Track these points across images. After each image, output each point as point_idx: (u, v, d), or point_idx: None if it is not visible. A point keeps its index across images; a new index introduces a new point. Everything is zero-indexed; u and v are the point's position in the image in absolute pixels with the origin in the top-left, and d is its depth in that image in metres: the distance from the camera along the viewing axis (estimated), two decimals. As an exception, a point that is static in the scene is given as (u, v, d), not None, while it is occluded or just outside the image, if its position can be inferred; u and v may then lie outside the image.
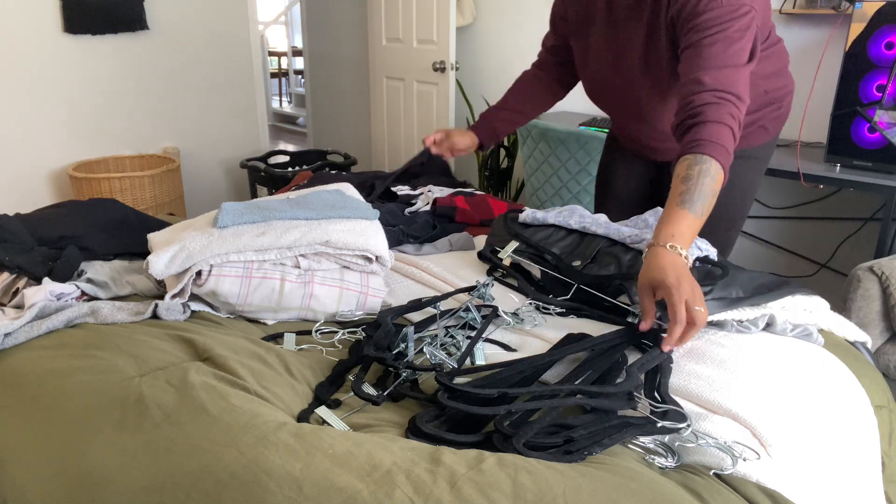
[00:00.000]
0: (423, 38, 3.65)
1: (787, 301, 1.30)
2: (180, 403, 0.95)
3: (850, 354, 1.28)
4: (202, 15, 3.55)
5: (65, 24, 3.11)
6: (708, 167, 1.20)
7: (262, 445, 0.85)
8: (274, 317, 1.33)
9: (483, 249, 1.55)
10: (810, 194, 2.75)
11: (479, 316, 1.28)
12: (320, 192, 1.52)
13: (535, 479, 0.80)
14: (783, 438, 0.97)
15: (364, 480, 0.79)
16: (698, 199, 1.19)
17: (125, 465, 0.86)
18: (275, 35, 7.97)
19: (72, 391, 0.99)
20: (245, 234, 1.30)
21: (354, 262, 1.37)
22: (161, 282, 1.38)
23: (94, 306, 1.24)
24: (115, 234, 1.54)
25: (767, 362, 1.13)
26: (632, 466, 0.88)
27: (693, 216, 1.18)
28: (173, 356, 1.10)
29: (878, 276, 1.84)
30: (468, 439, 0.94)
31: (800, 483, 0.93)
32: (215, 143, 3.79)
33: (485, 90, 3.89)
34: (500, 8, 3.69)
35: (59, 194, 3.30)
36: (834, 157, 2.25)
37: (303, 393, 1.07)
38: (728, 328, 1.25)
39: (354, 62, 4.58)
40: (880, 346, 1.88)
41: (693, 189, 1.19)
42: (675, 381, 1.08)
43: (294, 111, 7.35)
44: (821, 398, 1.09)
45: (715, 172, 1.21)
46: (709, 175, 1.20)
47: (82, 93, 3.25)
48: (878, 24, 2.07)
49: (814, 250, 2.83)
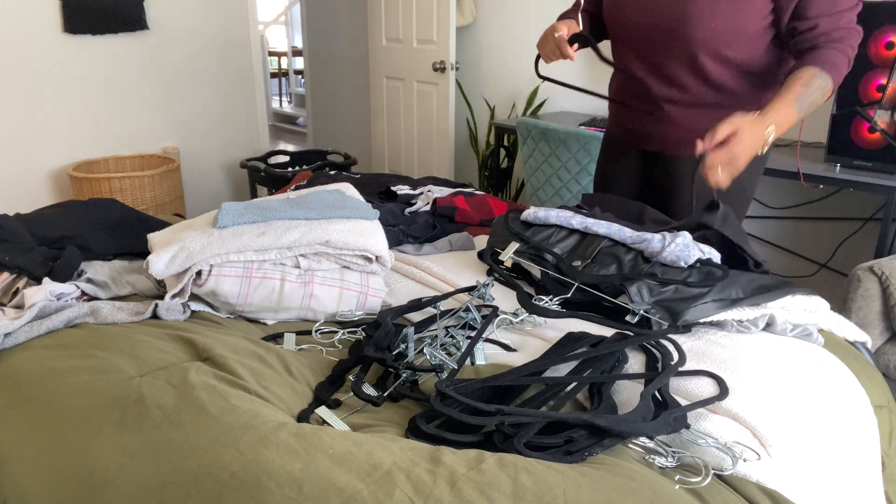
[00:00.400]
0: (423, 38, 3.65)
1: (786, 301, 1.30)
2: (180, 403, 0.95)
3: (850, 354, 1.28)
4: (202, 15, 3.54)
5: (65, 24, 3.11)
6: (825, 84, 1.38)
7: (262, 445, 0.85)
8: (274, 317, 1.33)
9: (484, 251, 1.54)
10: (810, 194, 2.75)
11: (479, 316, 1.28)
12: (320, 192, 1.52)
13: (535, 479, 0.80)
14: (783, 438, 0.97)
15: (364, 480, 0.79)
16: (807, 104, 1.37)
17: (125, 464, 0.86)
18: (275, 35, 7.97)
19: (72, 391, 0.99)
20: (245, 234, 1.30)
21: (354, 262, 1.37)
22: (161, 282, 1.38)
23: (94, 306, 1.24)
24: (115, 234, 1.54)
25: (768, 362, 1.13)
26: (632, 466, 0.88)
27: (796, 115, 1.36)
28: (173, 356, 1.10)
29: (878, 276, 1.84)
30: (468, 439, 0.94)
31: (800, 483, 0.93)
32: (215, 143, 3.79)
33: (485, 90, 3.89)
34: (500, 8, 3.69)
35: (59, 194, 3.30)
36: (834, 157, 2.25)
37: (303, 393, 1.07)
38: (728, 328, 1.25)
39: (354, 62, 4.58)
40: (880, 346, 1.88)
41: (808, 95, 1.36)
42: (676, 381, 1.08)
43: (294, 111, 7.35)
44: (821, 398, 1.09)
45: (827, 91, 1.40)
46: (822, 91, 1.38)
47: (82, 93, 3.25)
48: (878, 24, 2.07)
49: (814, 250, 2.83)
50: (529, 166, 2.72)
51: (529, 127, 2.62)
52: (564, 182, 2.53)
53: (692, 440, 0.95)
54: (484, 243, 1.65)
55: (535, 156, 2.65)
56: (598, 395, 1.03)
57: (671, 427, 0.95)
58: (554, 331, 1.26)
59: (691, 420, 0.99)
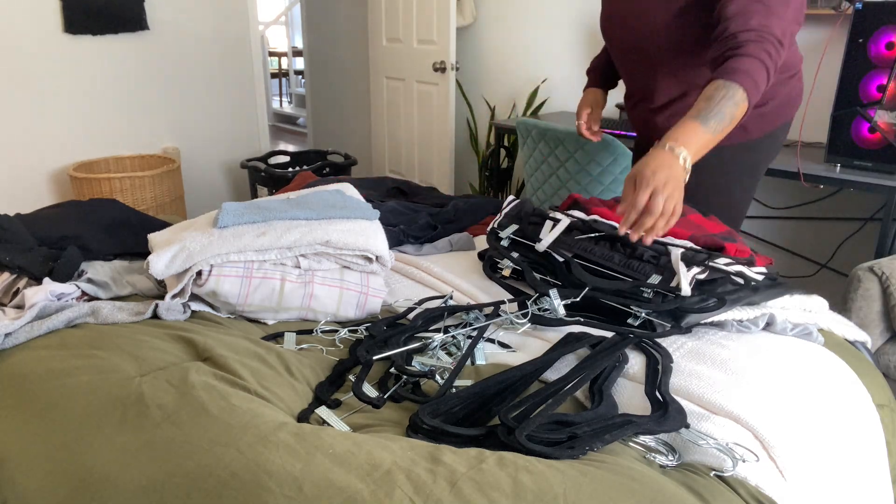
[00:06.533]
0: (423, 38, 3.65)
1: (786, 300, 1.30)
2: (180, 403, 0.95)
3: (850, 354, 1.28)
4: (202, 15, 3.55)
5: (65, 24, 3.11)
6: (733, 93, 1.24)
7: (262, 445, 0.85)
8: (274, 317, 1.33)
9: (483, 265, 1.52)
10: (810, 194, 2.75)
11: (481, 316, 1.28)
12: (321, 192, 1.52)
13: (536, 478, 0.80)
14: (785, 440, 0.97)
15: (364, 480, 0.79)
16: (714, 116, 1.22)
17: (125, 464, 0.86)
18: (275, 35, 7.97)
19: (72, 391, 0.99)
20: (245, 235, 1.30)
21: (355, 263, 1.37)
22: (161, 282, 1.38)
23: (94, 306, 1.24)
24: (115, 234, 1.54)
25: (768, 363, 1.13)
26: (633, 466, 0.88)
27: (703, 129, 1.22)
28: (173, 356, 1.10)
29: (879, 276, 1.84)
30: (470, 433, 0.94)
31: (803, 484, 0.93)
32: (215, 143, 3.79)
33: (485, 90, 3.89)
34: (500, 8, 3.69)
35: (59, 194, 3.30)
36: (834, 157, 2.25)
37: (303, 393, 1.07)
38: (728, 328, 1.25)
39: (354, 62, 4.58)
40: (880, 346, 1.87)
41: (712, 108, 1.23)
42: (676, 382, 1.08)
43: (294, 111, 7.35)
44: (823, 398, 1.09)
45: (739, 100, 1.24)
46: (731, 100, 1.24)
47: (82, 93, 3.25)
48: (878, 24, 2.07)
49: (814, 250, 2.83)
50: (529, 166, 2.72)
51: (529, 127, 2.62)
52: (564, 182, 2.53)
53: (693, 440, 0.95)
54: (484, 243, 1.65)
55: (534, 156, 2.65)
56: (598, 394, 1.03)
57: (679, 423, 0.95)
58: (554, 331, 1.26)
59: (691, 420, 0.99)
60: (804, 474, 0.95)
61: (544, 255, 1.39)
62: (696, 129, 1.22)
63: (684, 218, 1.46)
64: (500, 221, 1.53)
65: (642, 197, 1.13)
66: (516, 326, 1.28)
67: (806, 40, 2.65)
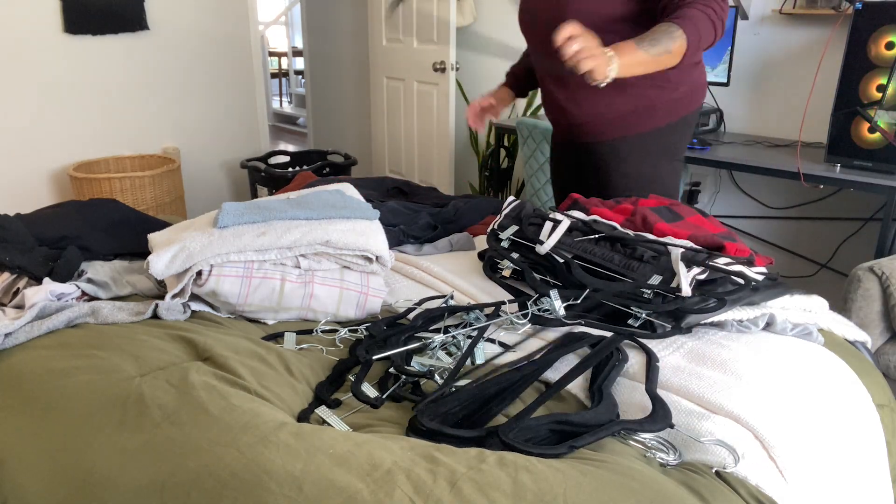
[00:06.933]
0: (423, 38, 3.65)
1: (786, 300, 1.30)
2: (180, 403, 0.95)
3: (850, 353, 1.28)
4: (202, 15, 3.55)
5: (65, 24, 3.11)
6: (671, 31, 1.36)
7: (262, 445, 0.85)
8: (274, 317, 1.33)
9: (483, 266, 1.52)
10: (810, 194, 2.75)
11: (482, 315, 1.28)
12: (321, 192, 1.52)
13: (536, 478, 0.80)
14: (785, 440, 0.97)
15: (364, 480, 0.79)
16: (647, 40, 1.35)
17: (125, 464, 0.86)
18: (275, 35, 7.97)
19: (72, 391, 0.99)
20: (245, 234, 1.30)
21: (355, 263, 1.37)
22: (161, 282, 1.38)
23: (94, 306, 1.24)
24: (115, 234, 1.54)
25: (769, 364, 1.13)
26: (633, 465, 0.88)
27: (636, 46, 1.34)
28: (174, 356, 1.10)
29: (879, 276, 1.84)
30: (469, 434, 0.94)
31: (803, 484, 0.93)
32: (215, 143, 3.79)
33: (485, 90, 3.89)
34: (500, 8, 3.69)
35: (59, 194, 3.30)
36: (834, 158, 2.25)
37: (303, 393, 1.07)
38: (728, 328, 1.25)
39: (354, 62, 4.58)
40: (880, 347, 1.87)
41: (647, 36, 1.36)
42: (677, 382, 1.08)
43: (294, 111, 7.35)
44: (823, 397, 1.09)
45: (676, 36, 1.37)
46: (668, 35, 1.36)
47: (82, 93, 3.25)
48: (878, 24, 2.07)
49: (814, 250, 2.83)
50: (530, 166, 2.72)
51: (529, 127, 2.62)
52: (564, 182, 2.53)
53: (693, 439, 0.95)
54: (484, 243, 1.65)
55: (535, 156, 2.65)
56: (598, 393, 1.03)
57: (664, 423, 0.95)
58: (554, 331, 1.26)
59: (691, 420, 0.99)
60: (804, 474, 0.95)
61: (544, 256, 1.39)
62: (630, 45, 1.34)
63: (683, 220, 1.46)
64: (501, 222, 1.53)
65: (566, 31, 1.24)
66: (516, 327, 1.28)
67: (806, 40, 2.65)
